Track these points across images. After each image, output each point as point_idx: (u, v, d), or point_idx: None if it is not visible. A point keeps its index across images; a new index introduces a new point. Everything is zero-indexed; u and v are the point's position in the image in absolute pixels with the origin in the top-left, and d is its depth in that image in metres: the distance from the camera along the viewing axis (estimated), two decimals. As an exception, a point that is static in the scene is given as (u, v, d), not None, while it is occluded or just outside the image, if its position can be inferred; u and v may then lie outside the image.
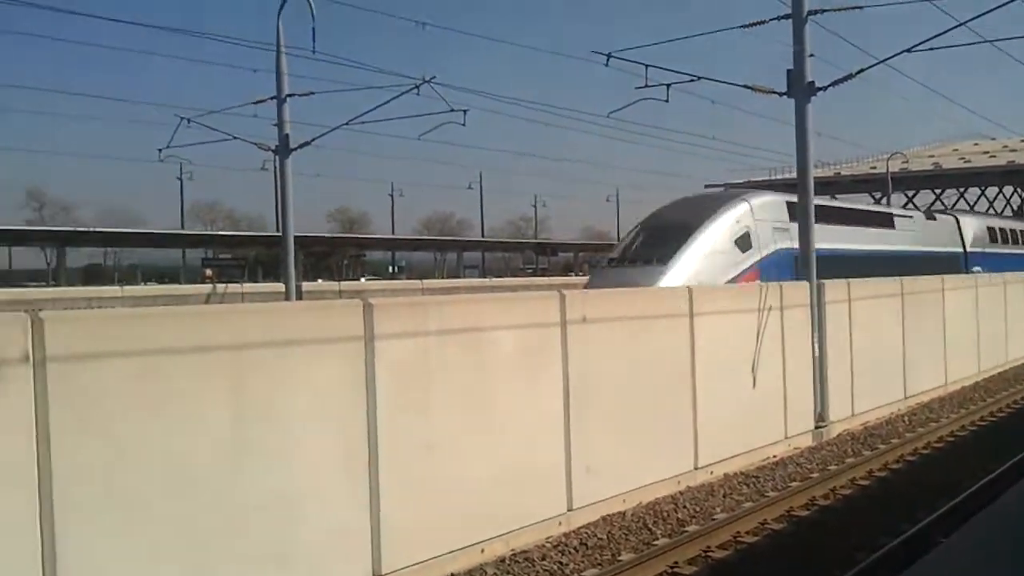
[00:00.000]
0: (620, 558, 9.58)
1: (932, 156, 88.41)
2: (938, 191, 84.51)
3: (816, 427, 15.77)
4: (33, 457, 6.21)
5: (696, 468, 12.64)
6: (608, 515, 10.79)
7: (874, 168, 77.30)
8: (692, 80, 19.10)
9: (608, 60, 18.08)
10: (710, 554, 9.95)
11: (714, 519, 11.01)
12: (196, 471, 7.09)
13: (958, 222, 37.29)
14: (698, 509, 11.45)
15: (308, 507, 7.84)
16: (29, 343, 6.24)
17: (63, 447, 6.34)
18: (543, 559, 9.41)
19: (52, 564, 6.23)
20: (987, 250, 37.53)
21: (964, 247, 36.26)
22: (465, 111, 20.40)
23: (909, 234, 32.12)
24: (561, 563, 9.36)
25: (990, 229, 39.97)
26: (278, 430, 7.67)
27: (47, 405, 6.29)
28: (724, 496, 12.12)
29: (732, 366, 13.70)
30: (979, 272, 31.85)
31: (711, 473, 12.84)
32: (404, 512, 8.55)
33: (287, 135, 22.91)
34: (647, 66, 18.24)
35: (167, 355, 7.04)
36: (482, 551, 9.23)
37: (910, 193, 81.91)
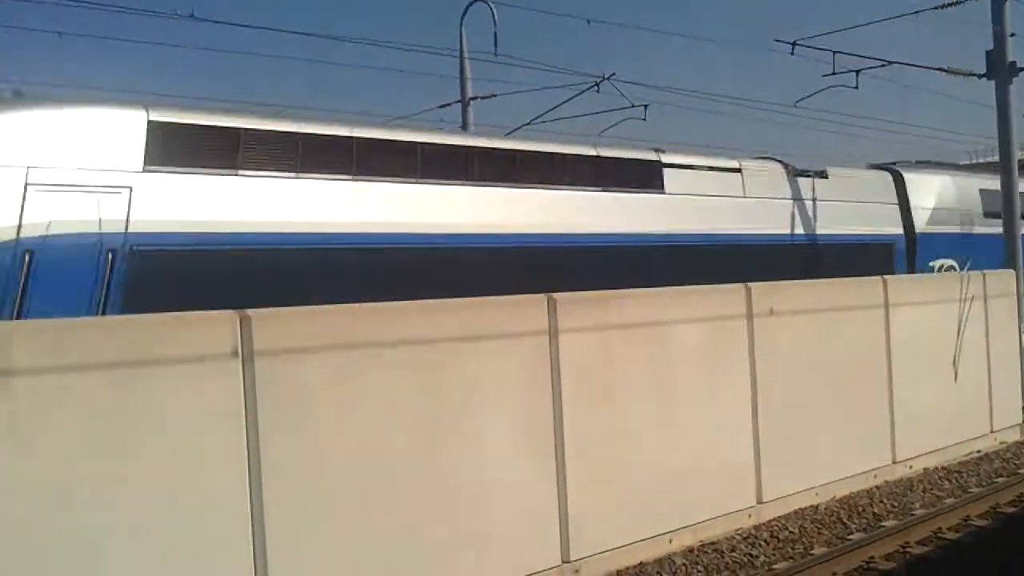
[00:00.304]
0: (812, 552, 9.43)
1: None
2: None
3: (1024, 421, 14.99)
4: (243, 445, 6.70)
5: (894, 462, 12.26)
6: (800, 508, 10.62)
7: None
8: (883, 65, 18.56)
9: (793, 48, 17.78)
10: (909, 550, 9.65)
11: (913, 514, 10.67)
12: (395, 460, 7.47)
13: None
14: (896, 504, 11.11)
15: (499, 496, 8.09)
16: (238, 339, 6.75)
17: (270, 436, 6.82)
18: (732, 551, 9.36)
19: (263, 555, 6.70)
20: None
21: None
22: (645, 106, 20.32)
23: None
24: (751, 555, 9.29)
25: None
26: (469, 422, 7.97)
27: (255, 396, 6.78)
28: (924, 491, 11.71)
29: (931, 358, 13.20)
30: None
31: (910, 468, 12.42)
32: (591, 501, 8.70)
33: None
34: (835, 52, 17.85)
35: (363, 349, 7.45)
36: (670, 541, 9.28)
37: None
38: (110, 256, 9.96)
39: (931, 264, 20.61)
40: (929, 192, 21.30)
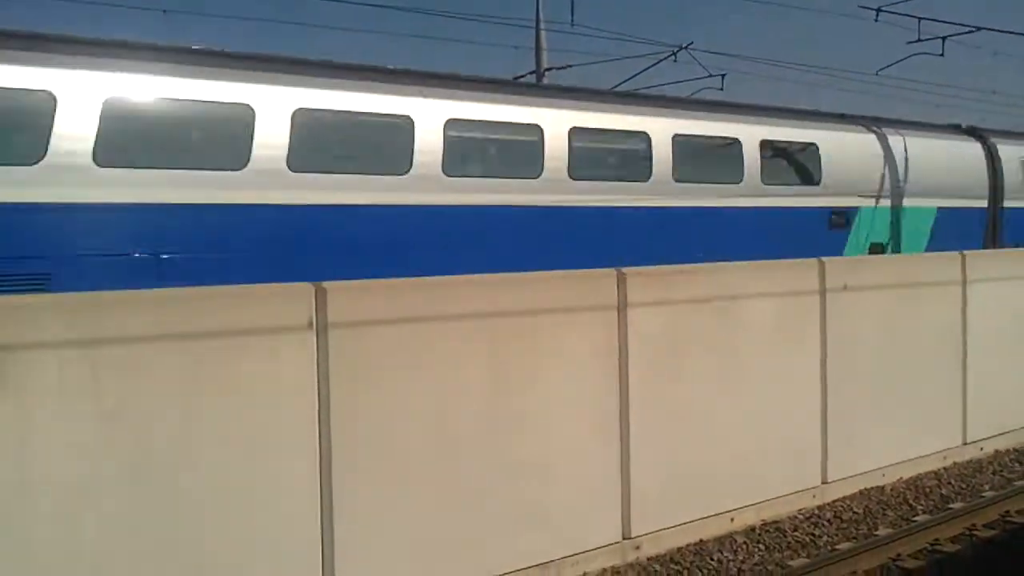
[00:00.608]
0: (876, 533, 9.38)
1: None
2: None
3: (1107, 403, 14.63)
4: (315, 415, 6.85)
5: (965, 443, 12.09)
6: (866, 489, 10.56)
7: None
8: (970, 32, 17.98)
9: (878, 15, 17.32)
10: (975, 532, 9.56)
11: (982, 496, 10.54)
12: (459, 430, 7.57)
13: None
14: (964, 486, 10.99)
15: (562, 470, 8.18)
16: (313, 311, 6.87)
17: (340, 407, 6.96)
18: (795, 530, 9.36)
19: (330, 516, 6.88)
20: None
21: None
22: (723, 75, 20.11)
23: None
24: (813, 535, 9.28)
25: None
26: (535, 395, 8.03)
27: (327, 368, 6.91)
28: (994, 473, 11.56)
29: (1008, 338, 12.93)
30: None
31: (981, 449, 12.24)
32: (654, 478, 8.75)
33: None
34: (920, 19, 17.36)
35: (430, 322, 7.54)
36: (732, 520, 9.30)
37: None
38: None
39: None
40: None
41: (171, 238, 10.65)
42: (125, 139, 10.59)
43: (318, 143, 11.82)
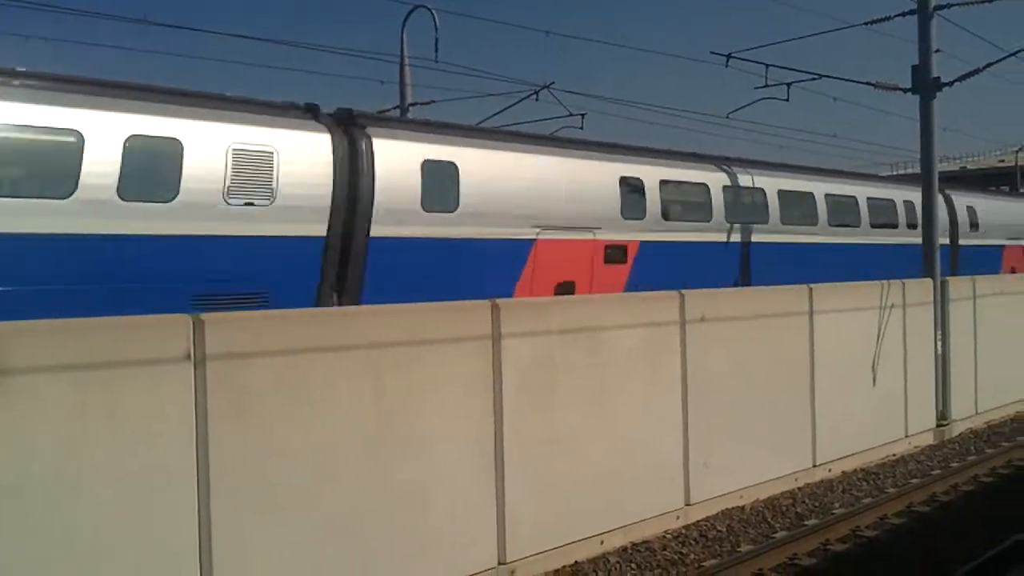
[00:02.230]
0: (739, 549, 9.84)
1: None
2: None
3: (938, 425, 15.68)
4: (193, 447, 6.82)
5: (815, 466, 12.77)
6: (727, 509, 11.05)
7: (1002, 161, 74.58)
8: (814, 79, 19.10)
9: (728, 60, 18.21)
10: (829, 547, 10.13)
11: (833, 513, 11.16)
12: (339, 459, 7.64)
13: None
14: (817, 504, 11.61)
15: (439, 497, 8.32)
16: (191, 342, 6.86)
17: (220, 438, 6.94)
18: (664, 549, 9.74)
19: (208, 549, 6.83)
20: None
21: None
22: (583, 115, 20.72)
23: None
24: (682, 553, 9.68)
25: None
26: (413, 423, 8.17)
27: (206, 400, 6.90)
28: (843, 492, 12.24)
29: (852, 364, 13.76)
30: None
31: (829, 471, 12.94)
32: (528, 503, 8.98)
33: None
34: (767, 65, 18.32)
35: (310, 354, 7.61)
36: (601, 543, 9.60)
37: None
38: None
39: None
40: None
41: None
42: None
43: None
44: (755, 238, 18.83)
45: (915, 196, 20.87)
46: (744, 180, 18.84)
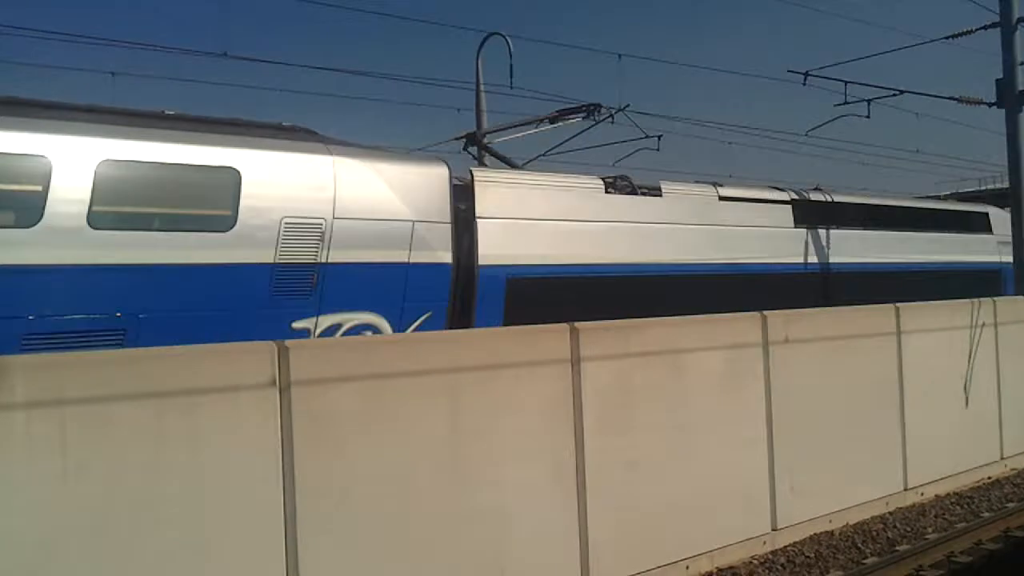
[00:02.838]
0: (828, 575, 9.61)
1: None
2: None
3: (1036, 448, 15.15)
4: (279, 471, 6.91)
5: (906, 489, 12.43)
6: (815, 534, 10.81)
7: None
8: (894, 95, 18.80)
9: (806, 79, 18.02)
10: (922, 573, 9.84)
11: (926, 538, 10.85)
12: (418, 485, 7.67)
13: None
14: (908, 529, 11.30)
15: (519, 522, 8.29)
16: (276, 369, 6.98)
17: (304, 462, 7.03)
18: (751, 575, 9.55)
19: (296, 569, 6.92)
20: None
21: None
22: (659, 136, 20.60)
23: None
24: (768, 579, 9.49)
25: None
26: (491, 448, 8.17)
27: (291, 425, 7.00)
28: (936, 516, 11.89)
29: (942, 384, 13.40)
30: None
31: (921, 494, 12.59)
32: (610, 528, 8.90)
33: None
34: (846, 83, 18.11)
35: (388, 379, 7.67)
36: (687, 568, 9.46)
37: None
38: None
39: None
40: None
41: None
42: None
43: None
44: None
45: None
46: None
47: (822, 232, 17.72)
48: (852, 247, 18.34)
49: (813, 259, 17.40)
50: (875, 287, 17.82)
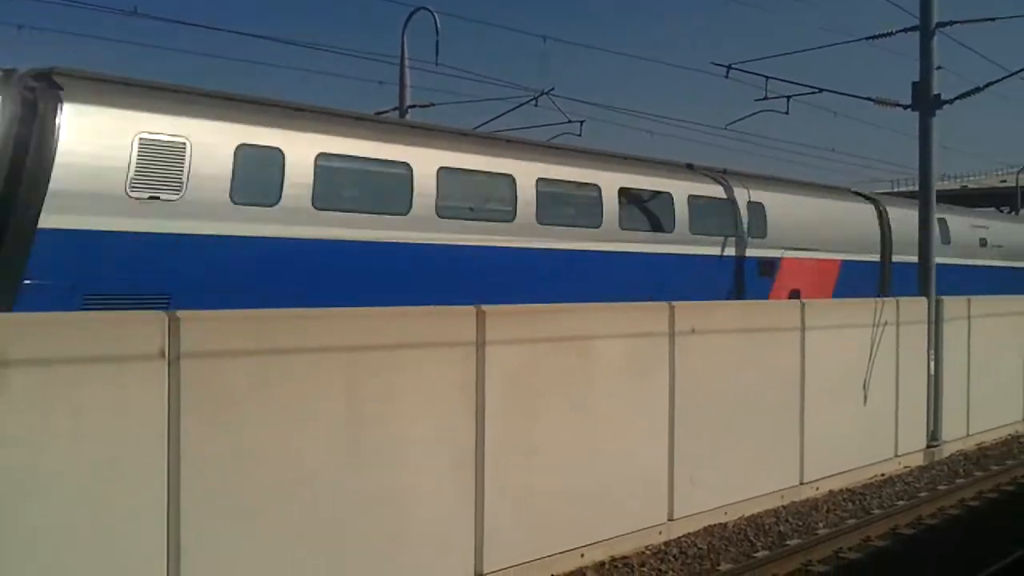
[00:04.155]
0: (719, 568, 9.69)
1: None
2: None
3: (928, 446, 15.54)
4: (164, 446, 6.67)
5: (801, 483, 12.63)
6: (710, 526, 10.90)
7: (1004, 181, 74.50)
8: (813, 92, 18.95)
9: (728, 72, 18.07)
10: (810, 568, 9.99)
11: (816, 534, 11.01)
12: (316, 464, 7.49)
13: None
14: (801, 524, 11.46)
15: (416, 505, 8.18)
16: (166, 340, 6.71)
17: (192, 439, 6.80)
18: (642, 566, 9.60)
19: (176, 555, 6.70)
20: None
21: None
22: (582, 122, 20.54)
23: None
24: (660, 570, 9.53)
25: None
26: (391, 429, 8.02)
27: (179, 400, 6.75)
28: (828, 512, 12.09)
29: (843, 382, 13.63)
30: None
31: (816, 489, 12.80)
32: (507, 514, 8.84)
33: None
34: (767, 78, 18.20)
35: (287, 354, 7.46)
36: (582, 556, 9.45)
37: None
38: None
39: None
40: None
41: None
42: None
43: None
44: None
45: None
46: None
47: None
48: None
49: None
50: None
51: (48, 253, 9.46)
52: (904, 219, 21.81)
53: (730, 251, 17.44)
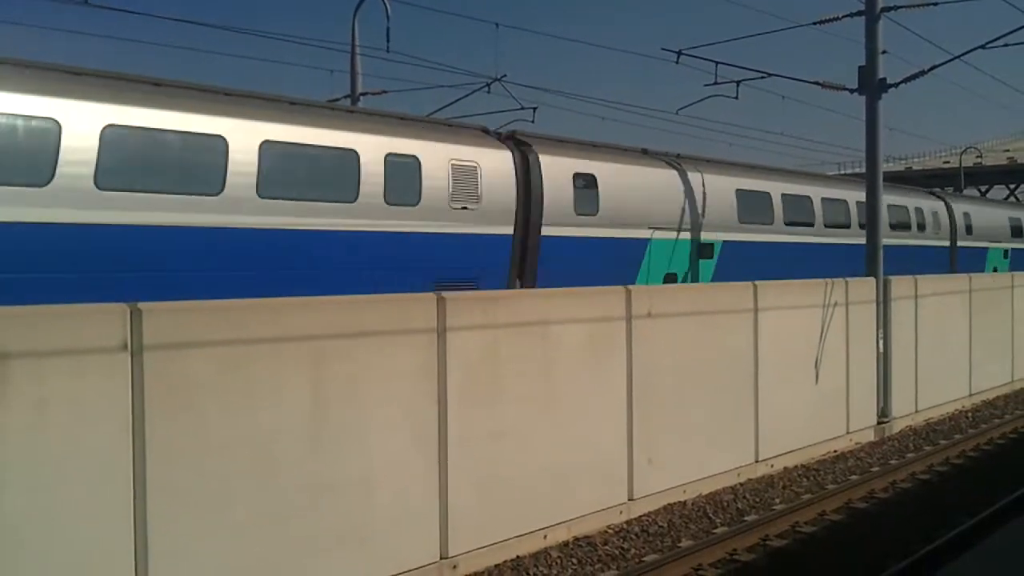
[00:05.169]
0: (680, 544, 9.90)
1: (1008, 151, 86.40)
2: (1012, 186, 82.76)
3: (879, 423, 15.89)
4: (129, 439, 6.69)
5: (757, 461, 12.88)
6: (669, 504, 11.10)
7: (947, 163, 75.94)
8: (762, 77, 19.19)
9: (679, 57, 18.23)
10: (768, 542, 10.23)
11: (773, 509, 11.27)
12: (279, 451, 7.56)
13: None
14: (758, 500, 11.72)
15: (382, 489, 8.27)
16: (128, 332, 6.73)
17: (157, 430, 6.83)
18: (605, 544, 9.77)
19: (144, 539, 6.74)
20: None
21: None
22: (535, 108, 20.60)
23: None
24: (623, 548, 9.71)
25: None
26: (354, 415, 8.10)
27: (143, 391, 6.78)
28: (784, 488, 12.36)
29: (795, 361, 13.89)
30: None
31: (771, 467, 13.06)
32: (472, 497, 8.96)
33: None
34: (717, 63, 18.36)
35: (248, 344, 7.50)
36: (544, 537, 9.60)
37: (983, 188, 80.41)
38: None
39: None
40: None
41: None
42: None
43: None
44: None
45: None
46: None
47: None
48: None
49: None
50: None
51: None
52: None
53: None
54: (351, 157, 12.55)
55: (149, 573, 6.76)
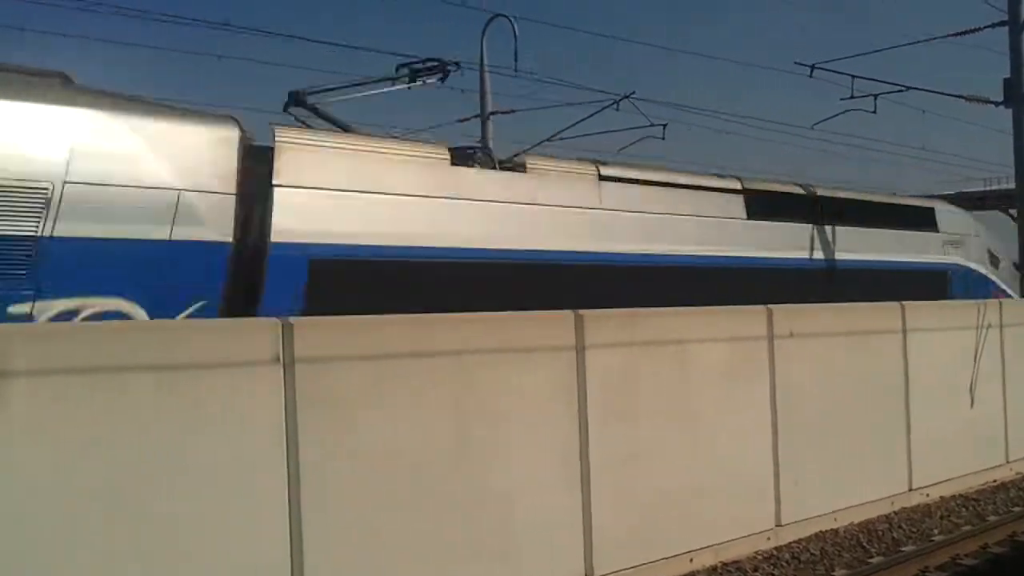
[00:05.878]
0: (834, 573, 9.43)
1: None
2: None
3: (1041, 452, 14.99)
4: (283, 449, 6.73)
5: (911, 489, 12.25)
6: (820, 532, 10.61)
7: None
8: (900, 91, 18.64)
9: (812, 71, 17.84)
10: (928, 574, 9.67)
11: (932, 540, 10.67)
12: (423, 466, 7.48)
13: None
14: (914, 530, 11.11)
15: (524, 508, 8.09)
16: (280, 346, 6.79)
17: (308, 441, 6.85)
18: (755, 570, 9.37)
19: (300, 546, 6.74)
20: None
21: None
22: (664, 125, 20.29)
23: None
24: (773, 575, 9.30)
25: None
26: (497, 432, 7.99)
27: (295, 402, 6.82)
28: (941, 518, 11.71)
29: (947, 385, 13.22)
30: None
31: (926, 495, 12.41)
32: (615, 516, 8.70)
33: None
34: (853, 77, 17.93)
35: (396, 359, 7.49)
36: (691, 560, 9.27)
37: None
38: None
39: None
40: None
41: None
42: None
43: None
44: None
45: None
46: None
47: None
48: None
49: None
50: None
51: None
52: None
53: None
54: None
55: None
